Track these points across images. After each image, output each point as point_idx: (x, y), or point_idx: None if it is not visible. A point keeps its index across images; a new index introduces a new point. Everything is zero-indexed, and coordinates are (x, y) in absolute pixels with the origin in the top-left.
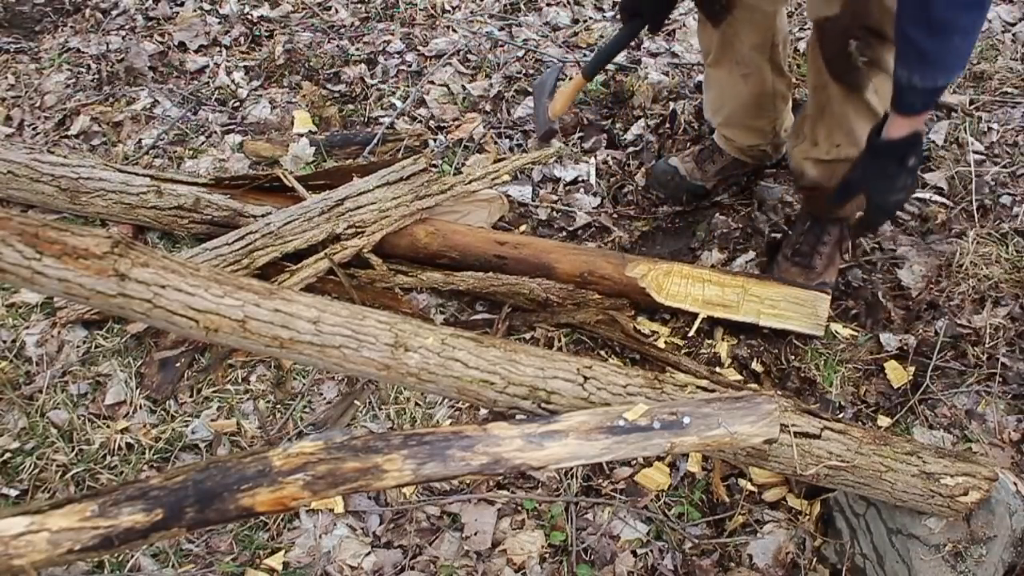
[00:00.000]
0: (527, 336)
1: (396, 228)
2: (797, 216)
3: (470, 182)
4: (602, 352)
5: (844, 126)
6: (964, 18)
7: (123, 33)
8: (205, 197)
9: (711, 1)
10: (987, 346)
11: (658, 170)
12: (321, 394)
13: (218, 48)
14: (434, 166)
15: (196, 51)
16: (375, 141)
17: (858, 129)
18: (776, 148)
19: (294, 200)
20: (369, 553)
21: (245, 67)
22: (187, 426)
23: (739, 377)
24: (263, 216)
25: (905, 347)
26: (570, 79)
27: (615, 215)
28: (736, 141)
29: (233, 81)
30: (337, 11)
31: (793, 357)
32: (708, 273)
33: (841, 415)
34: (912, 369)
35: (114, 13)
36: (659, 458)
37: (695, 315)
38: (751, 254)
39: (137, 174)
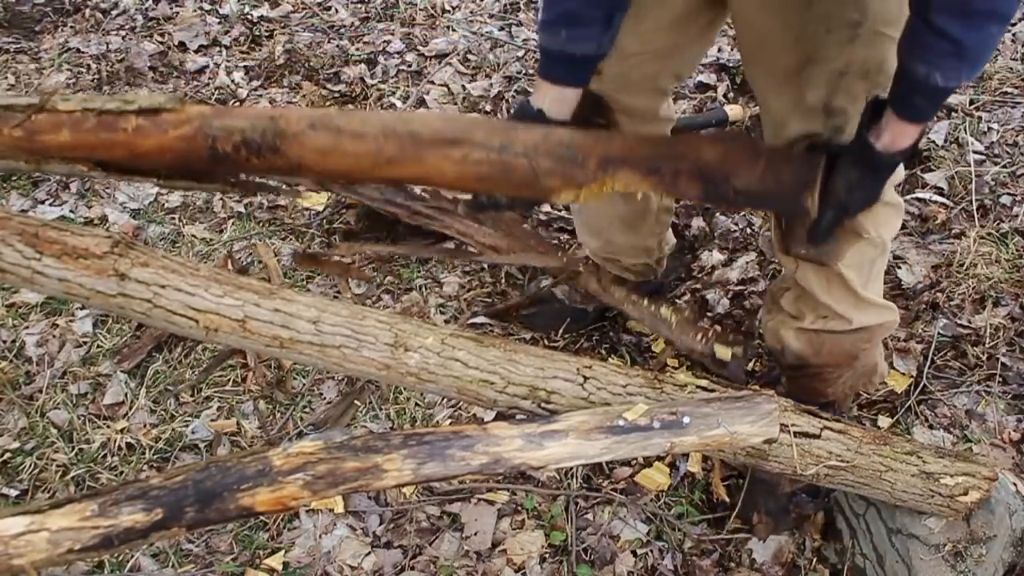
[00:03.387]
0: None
1: None
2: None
3: None
4: (602, 351)
5: (823, 300)
6: (1003, 2)
7: (123, 33)
8: None
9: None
10: (987, 346)
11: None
12: (321, 394)
13: (218, 48)
14: None
15: (196, 51)
16: None
17: (839, 304)
18: (659, 262)
19: None
20: (369, 553)
21: (245, 67)
22: (187, 426)
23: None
24: None
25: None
26: None
27: None
28: (620, 262)
29: (233, 81)
30: (337, 11)
31: None
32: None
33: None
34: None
35: (114, 13)
36: (659, 458)
37: None
38: (752, 254)
39: None
